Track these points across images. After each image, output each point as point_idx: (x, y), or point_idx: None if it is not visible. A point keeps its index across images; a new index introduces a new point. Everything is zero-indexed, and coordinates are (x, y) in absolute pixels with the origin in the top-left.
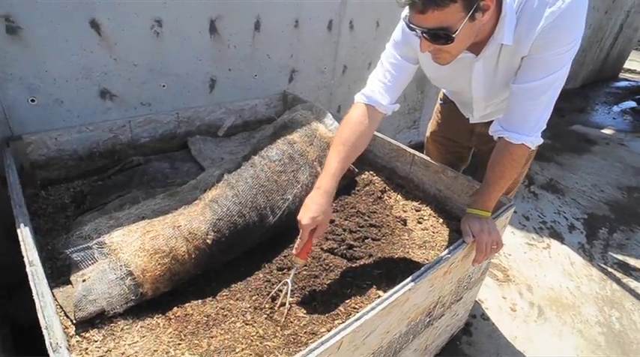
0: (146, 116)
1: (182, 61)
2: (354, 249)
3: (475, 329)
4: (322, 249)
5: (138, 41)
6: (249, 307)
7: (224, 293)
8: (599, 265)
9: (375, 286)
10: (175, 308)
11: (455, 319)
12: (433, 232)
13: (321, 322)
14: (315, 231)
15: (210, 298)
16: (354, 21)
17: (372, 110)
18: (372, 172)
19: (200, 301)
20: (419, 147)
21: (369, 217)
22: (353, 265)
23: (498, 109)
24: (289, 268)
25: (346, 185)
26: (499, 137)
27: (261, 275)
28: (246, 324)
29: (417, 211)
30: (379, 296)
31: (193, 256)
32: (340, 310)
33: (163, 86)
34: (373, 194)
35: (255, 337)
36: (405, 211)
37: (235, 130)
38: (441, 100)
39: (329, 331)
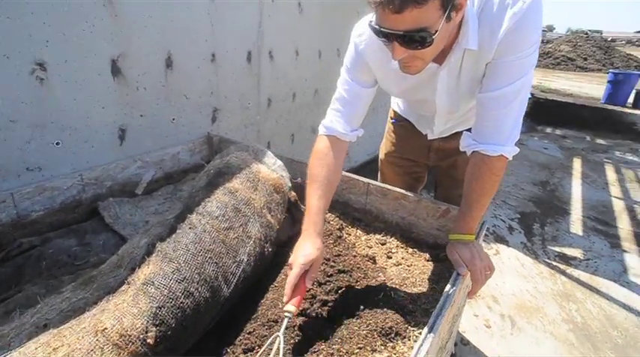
0: (37, 184)
1: (79, 110)
2: (329, 304)
3: None
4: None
5: (13, 91)
6: None
7: None
8: (545, 261)
9: (369, 349)
10: None
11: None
12: (408, 266)
13: None
14: (307, 274)
15: None
16: (273, 51)
17: (335, 141)
18: None
19: None
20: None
21: (334, 262)
22: (334, 326)
23: (458, 122)
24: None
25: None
26: (473, 152)
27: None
28: None
29: (382, 244)
30: None
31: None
32: None
33: (57, 144)
34: (331, 234)
35: None
36: (369, 247)
37: (156, 185)
38: (392, 118)
39: None
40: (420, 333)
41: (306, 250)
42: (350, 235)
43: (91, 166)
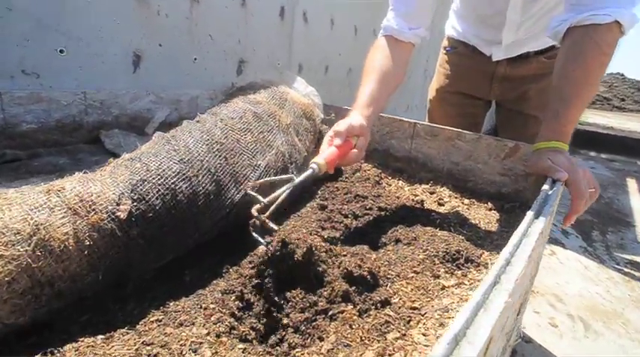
0: (32, 91)
1: (90, 17)
2: (370, 236)
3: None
4: (323, 238)
5: None
6: (206, 335)
7: (156, 317)
8: (615, 267)
9: (430, 274)
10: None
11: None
12: (467, 209)
13: (377, 334)
14: (344, 147)
15: (127, 328)
16: (307, 13)
17: (393, 41)
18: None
19: (105, 335)
20: None
21: (373, 200)
22: (379, 254)
23: (530, 35)
24: None
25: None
26: (569, 30)
27: (222, 284)
28: None
29: (431, 193)
30: (443, 287)
31: (88, 243)
32: (392, 316)
33: (61, 52)
34: (368, 179)
35: None
36: (415, 195)
37: (168, 128)
38: (446, 47)
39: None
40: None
41: (353, 118)
42: (390, 185)
43: (98, 87)
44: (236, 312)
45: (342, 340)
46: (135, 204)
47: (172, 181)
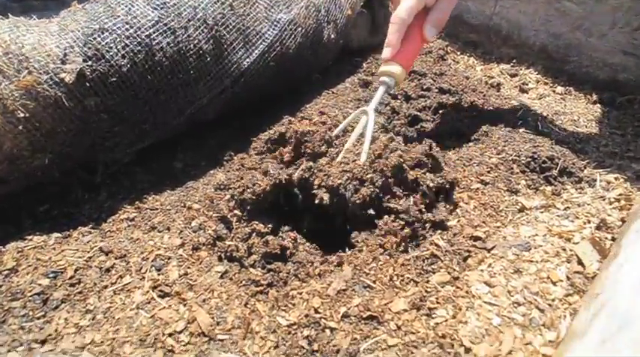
0: None
1: None
2: (424, 124)
3: None
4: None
5: None
6: (180, 247)
7: (127, 215)
8: None
9: (504, 187)
10: None
11: None
12: (562, 100)
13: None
14: (425, 18)
15: (90, 226)
16: None
17: None
18: None
19: (61, 234)
20: None
21: (433, 79)
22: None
23: None
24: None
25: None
26: None
27: (219, 176)
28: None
29: (512, 76)
30: (522, 208)
31: (22, 116)
32: (442, 248)
33: None
34: (430, 53)
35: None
36: (490, 77)
37: None
38: None
39: None
40: (617, 178)
41: None
42: (458, 62)
43: None
44: (227, 216)
45: (362, 278)
46: (90, 63)
47: (147, 33)
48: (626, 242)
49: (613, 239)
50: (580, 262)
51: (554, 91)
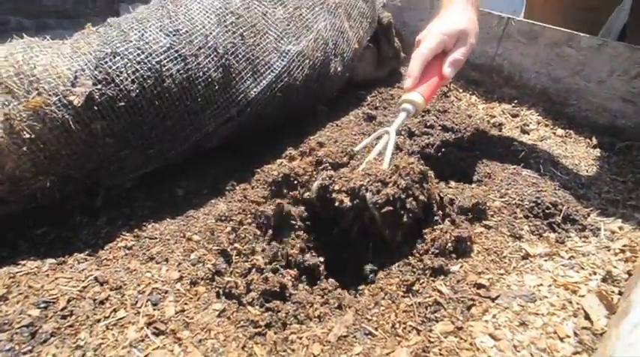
0: None
1: None
2: (428, 162)
3: None
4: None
5: None
6: (177, 281)
7: (125, 243)
8: None
9: (507, 232)
10: None
11: None
12: (562, 143)
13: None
14: (446, 55)
15: (86, 253)
16: None
17: None
18: None
19: (56, 260)
20: None
21: (437, 117)
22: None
23: None
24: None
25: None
26: None
27: (221, 206)
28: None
29: (513, 116)
30: (527, 255)
31: (28, 136)
32: (445, 295)
33: None
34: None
35: None
36: (492, 116)
37: None
38: None
39: None
40: (621, 228)
41: (450, 18)
42: (460, 99)
43: None
44: (228, 249)
45: (364, 325)
46: (99, 87)
47: (158, 59)
48: (636, 298)
49: (620, 293)
50: (587, 317)
51: (554, 133)
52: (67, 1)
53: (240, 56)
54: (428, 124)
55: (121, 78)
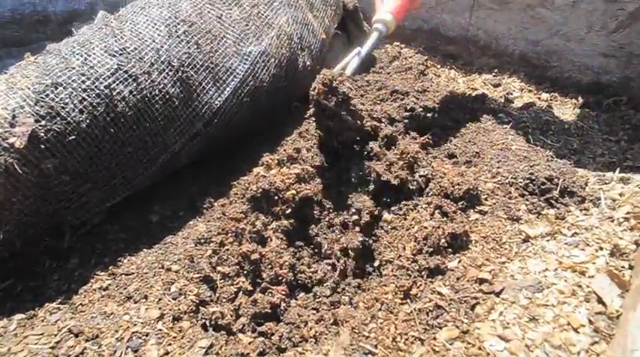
0: None
1: None
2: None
3: None
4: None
5: None
6: (158, 320)
7: (100, 284)
8: None
9: (503, 214)
10: None
11: None
12: (548, 108)
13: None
14: None
15: (59, 301)
16: None
17: None
18: (398, 43)
19: (25, 314)
20: None
21: (416, 98)
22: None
23: None
24: None
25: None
26: None
27: (200, 227)
28: None
29: (495, 86)
30: (527, 237)
31: None
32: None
33: None
34: (410, 69)
35: None
36: (474, 89)
37: None
38: None
39: None
40: (622, 194)
41: None
42: (439, 76)
43: None
44: (210, 274)
45: (362, 343)
46: (43, 123)
47: (106, 83)
48: None
49: (630, 267)
50: (600, 301)
51: (539, 99)
52: (11, 27)
53: (198, 66)
54: (408, 107)
55: (67, 110)
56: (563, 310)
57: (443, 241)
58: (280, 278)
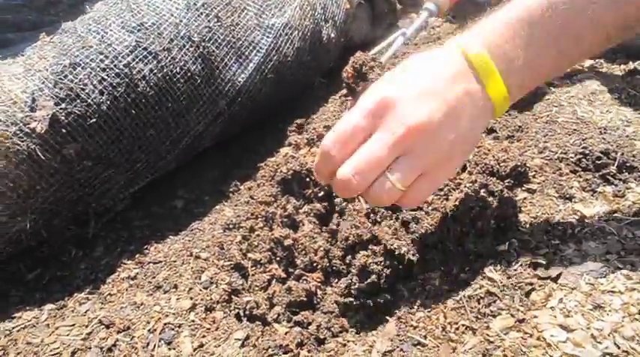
0: None
1: None
2: None
3: None
4: None
5: None
6: (190, 310)
7: (127, 273)
8: None
9: (554, 192)
10: None
11: None
12: (595, 75)
13: None
14: None
15: (87, 291)
16: None
17: None
18: None
19: (55, 304)
20: None
21: None
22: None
23: None
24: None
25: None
26: None
27: (227, 212)
28: None
29: None
30: (582, 217)
31: None
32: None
33: None
34: (439, 39)
35: None
36: None
37: None
38: None
39: None
40: None
41: None
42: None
43: None
44: (242, 262)
45: (410, 334)
46: (63, 106)
47: (125, 61)
48: None
49: None
50: None
51: (582, 65)
52: (22, 11)
53: (219, 41)
54: None
55: (87, 91)
56: (633, 297)
57: (491, 222)
58: (315, 264)
